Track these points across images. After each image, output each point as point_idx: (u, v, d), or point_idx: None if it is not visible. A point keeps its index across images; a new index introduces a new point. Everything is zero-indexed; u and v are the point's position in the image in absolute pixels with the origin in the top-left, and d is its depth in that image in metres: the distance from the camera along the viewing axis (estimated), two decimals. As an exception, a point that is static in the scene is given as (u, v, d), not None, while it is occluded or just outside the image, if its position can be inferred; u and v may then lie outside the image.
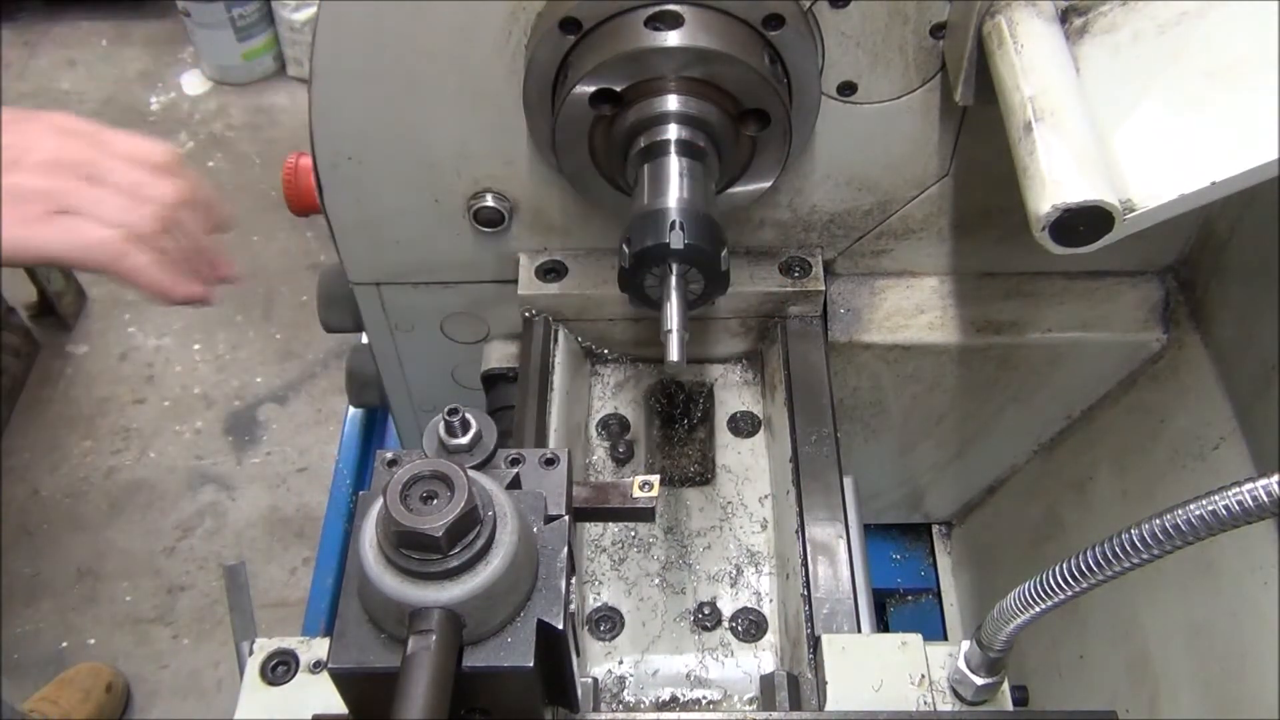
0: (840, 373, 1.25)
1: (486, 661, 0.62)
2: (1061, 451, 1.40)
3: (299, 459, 2.74)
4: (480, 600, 0.60)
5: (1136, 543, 0.61)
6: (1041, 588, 0.67)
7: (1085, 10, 0.91)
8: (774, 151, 1.02)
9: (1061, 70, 0.86)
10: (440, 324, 1.32)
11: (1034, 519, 1.44)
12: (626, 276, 0.92)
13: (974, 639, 0.78)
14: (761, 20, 0.95)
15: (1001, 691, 0.82)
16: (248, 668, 0.84)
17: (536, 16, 0.99)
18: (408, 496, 0.59)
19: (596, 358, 1.25)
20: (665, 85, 0.95)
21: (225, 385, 2.88)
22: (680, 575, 1.08)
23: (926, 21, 1.00)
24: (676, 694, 1.00)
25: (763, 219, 1.18)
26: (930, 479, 1.51)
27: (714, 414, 1.21)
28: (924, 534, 1.68)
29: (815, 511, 1.03)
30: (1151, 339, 1.24)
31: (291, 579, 2.50)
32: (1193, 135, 0.81)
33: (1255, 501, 0.56)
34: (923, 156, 1.12)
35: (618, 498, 0.76)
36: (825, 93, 1.05)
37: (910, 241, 1.21)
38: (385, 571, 0.60)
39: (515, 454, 0.72)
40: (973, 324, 1.24)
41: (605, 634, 1.03)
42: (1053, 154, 0.80)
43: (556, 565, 0.65)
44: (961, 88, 0.97)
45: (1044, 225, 0.79)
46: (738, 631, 1.04)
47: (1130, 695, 1.21)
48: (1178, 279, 1.25)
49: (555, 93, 0.99)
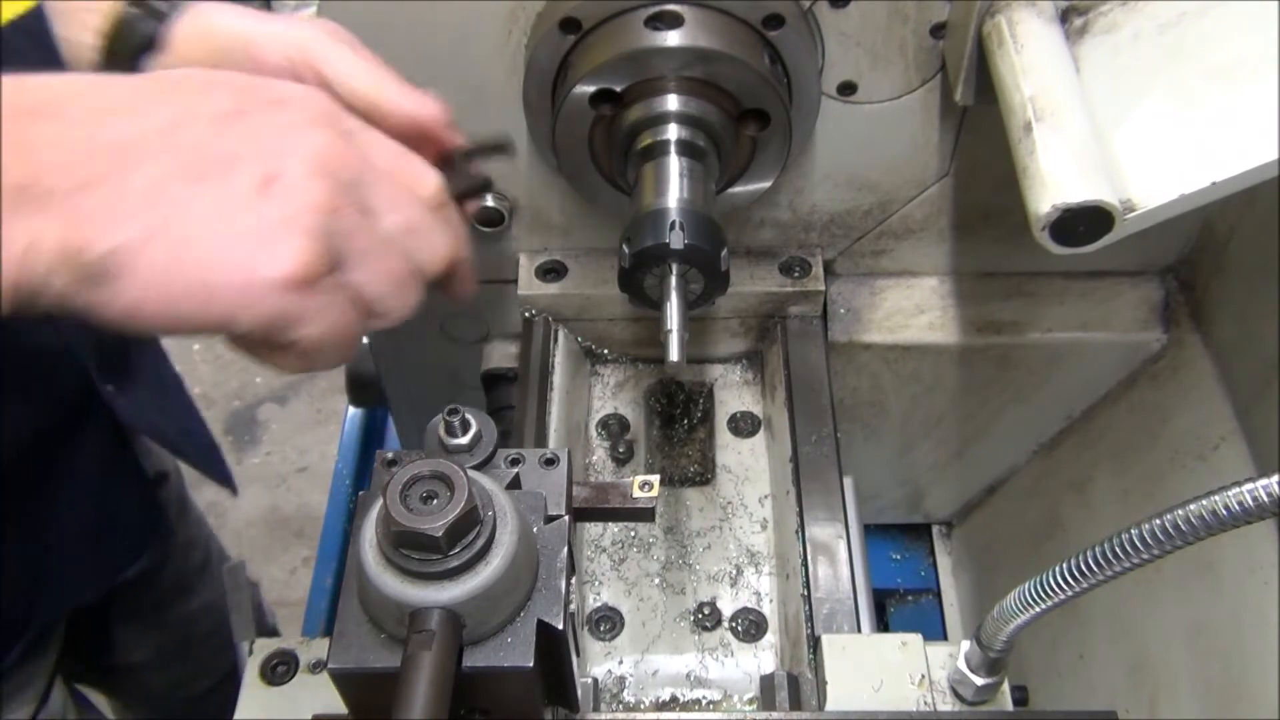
0: (840, 373, 1.25)
1: (486, 662, 0.62)
2: (1061, 451, 1.40)
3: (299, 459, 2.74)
4: (480, 600, 0.60)
5: (1136, 543, 0.61)
6: (1041, 588, 0.67)
7: (1085, 10, 0.91)
8: (774, 151, 1.02)
9: (1061, 70, 0.86)
10: (440, 324, 1.32)
11: (1034, 519, 1.44)
12: (626, 276, 0.92)
13: (974, 639, 0.78)
14: (761, 20, 0.95)
15: (1001, 691, 0.82)
16: (247, 668, 0.84)
17: (536, 16, 0.99)
18: (408, 496, 0.59)
19: (596, 358, 1.25)
20: (665, 85, 0.95)
21: (225, 385, 2.88)
22: (680, 575, 1.08)
23: (926, 21, 1.00)
24: (676, 694, 1.00)
25: (763, 219, 1.19)
26: (930, 479, 1.51)
27: (714, 414, 1.21)
28: (924, 534, 1.68)
29: (815, 511, 1.03)
30: (1151, 339, 1.24)
31: (291, 579, 2.51)
32: (1193, 135, 0.81)
33: (1255, 501, 0.56)
34: (923, 156, 1.12)
35: (618, 498, 0.76)
36: (825, 93, 1.05)
37: (910, 241, 1.21)
38: (385, 571, 0.60)
39: (515, 454, 0.72)
40: (973, 324, 1.24)
41: (605, 634, 1.03)
42: (1053, 154, 0.80)
43: (556, 565, 0.65)
44: (961, 88, 0.97)
45: (1044, 225, 0.79)
46: (738, 631, 1.04)
47: (1130, 695, 1.21)
48: (1178, 279, 1.25)
49: (555, 93, 0.99)
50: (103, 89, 0.57)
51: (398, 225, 0.62)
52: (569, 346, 1.20)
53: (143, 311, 0.55)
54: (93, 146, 0.54)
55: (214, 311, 0.56)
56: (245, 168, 0.56)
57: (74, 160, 0.53)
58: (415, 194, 0.64)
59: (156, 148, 0.55)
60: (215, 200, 0.55)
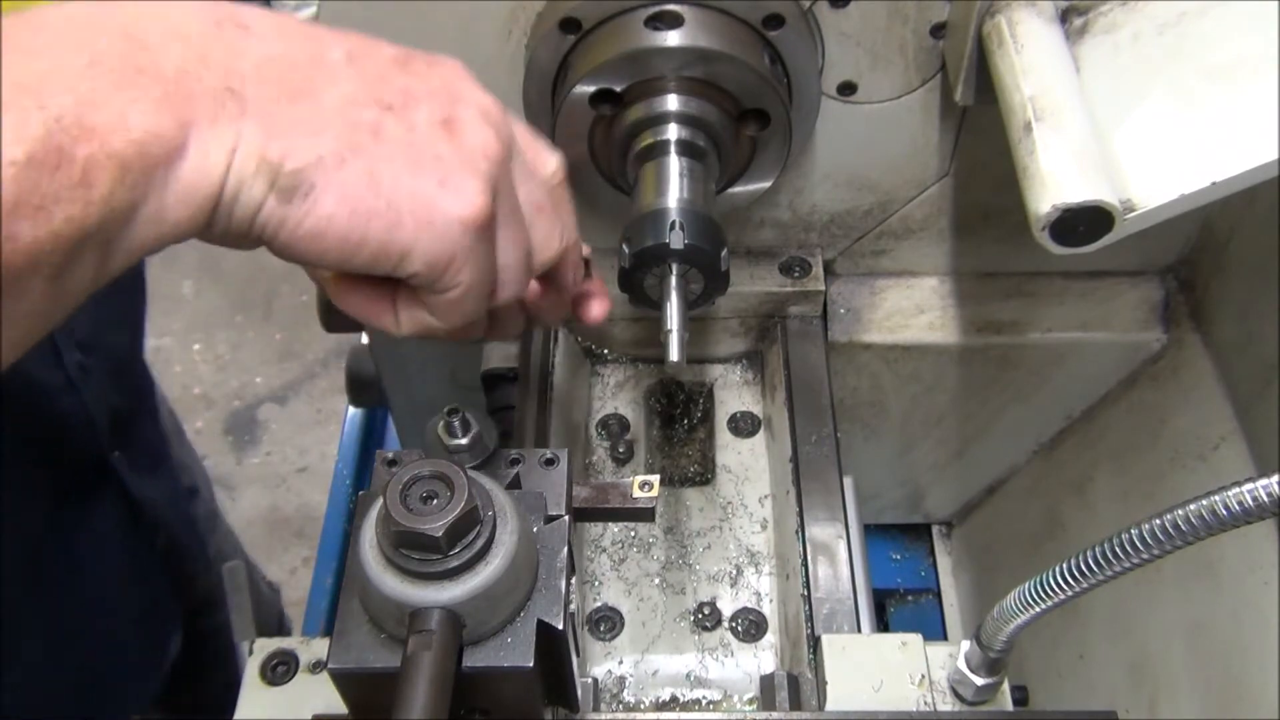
0: (840, 373, 1.25)
1: (486, 662, 0.62)
2: (1061, 451, 1.40)
3: (299, 459, 2.74)
4: (480, 600, 0.60)
5: (1136, 543, 0.61)
6: (1041, 588, 0.67)
7: (1085, 10, 0.91)
8: (774, 151, 1.02)
9: (1061, 70, 0.86)
10: (440, 324, 1.32)
11: (1034, 519, 1.44)
12: (626, 276, 0.92)
13: (974, 639, 0.78)
14: (761, 20, 0.95)
15: (1001, 691, 0.82)
16: (247, 668, 0.84)
17: (536, 16, 0.99)
18: (407, 497, 0.59)
19: (596, 358, 1.25)
20: (665, 85, 0.95)
21: (225, 385, 2.88)
22: (680, 575, 1.08)
23: (926, 21, 1.00)
24: (676, 694, 1.00)
25: (763, 219, 1.18)
26: (930, 479, 1.51)
27: (714, 414, 1.21)
28: (924, 534, 1.68)
29: (815, 511, 1.03)
30: (1151, 339, 1.24)
31: (291, 579, 2.51)
32: (1193, 135, 0.81)
33: (1255, 501, 0.56)
34: (923, 156, 1.12)
35: (618, 498, 0.76)
36: (825, 93, 1.05)
37: (910, 241, 1.21)
38: (385, 571, 0.60)
39: (515, 454, 0.72)
40: (973, 324, 1.24)
41: (605, 634, 1.03)
42: (1053, 154, 0.80)
43: (556, 565, 0.65)
44: (961, 88, 0.97)
45: (1044, 225, 0.79)
46: (738, 631, 1.04)
47: (1130, 695, 1.21)
48: (1178, 279, 1.25)
49: (555, 92, 0.99)
50: (279, 16, 0.57)
51: (527, 200, 0.64)
52: (569, 346, 1.20)
53: (331, 231, 0.55)
54: (286, 62, 0.55)
55: (397, 239, 0.56)
56: (425, 104, 0.58)
57: (271, 73, 0.54)
58: (541, 173, 0.66)
59: (344, 73, 0.56)
60: (403, 130, 0.56)
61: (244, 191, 0.52)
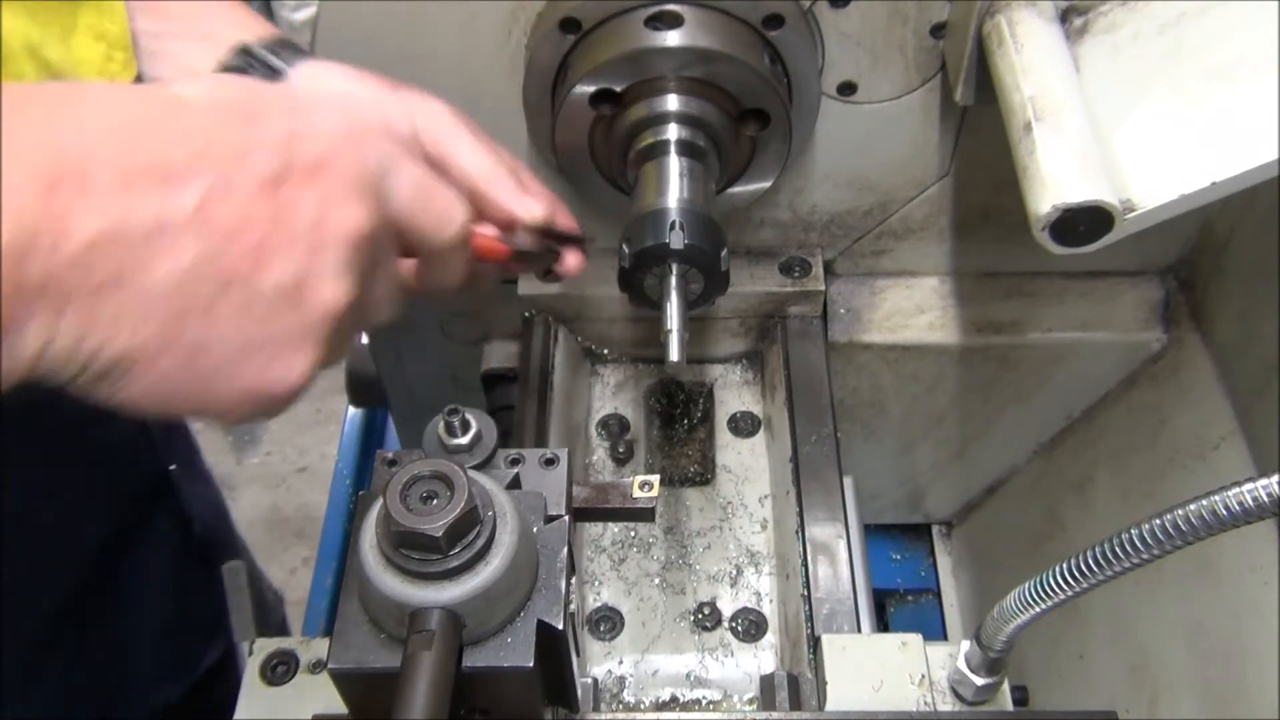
0: (840, 373, 1.25)
1: (486, 662, 0.62)
2: (1061, 451, 1.40)
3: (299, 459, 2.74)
4: (480, 600, 0.60)
5: (1136, 543, 0.61)
6: (1041, 588, 0.67)
7: (1085, 10, 0.91)
8: (774, 151, 1.02)
9: (1061, 70, 0.86)
10: (440, 324, 1.32)
11: (1034, 519, 1.44)
12: (626, 276, 0.92)
13: (974, 639, 0.78)
14: (761, 20, 0.95)
15: (1001, 691, 0.82)
16: (247, 668, 0.84)
17: (536, 16, 0.99)
18: (407, 497, 0.59)
19: (596, 358, 1.25)
20: (665, 85, 0.95)
21: (225, 385, 2.88)
22: (680, 575, 1.08)
23: (926, 21, 1.00)
24: (676, 694, 1.00)
25: (763, 219, 1.18)
26: (930, 479, 1.51)
27: (714, 414, 1.21)
28: (924, 534, 1.68)
29: (815, 511, 1.03)
30: (1151, 339, 1.24)
31: (291, 579, 2.51)
32: (1193, 135, 0.81)
33: (1255, 501, 0.56)
34: (923, 156, 1.12)
35: (618, 498, 0.76)
36: (825, 93, 1.05)
37: (910, 241, 1.21)
38: (385, 571, 0.60)
39: (515, 454, 0.72)
40: (973, 324, 1.24)
41: (605, 634, 1.03)
42: (1053, 154, 0.80)
43: (556, 565, 0.65)
44: (961, 88, 0.97)
45: (1044, 225, 0.79)
46: (738, 631, 1.04)
47: (1130, 695, 1.21)
48: (1178, 279, 1.25)
49: (555, 93, 0.99)
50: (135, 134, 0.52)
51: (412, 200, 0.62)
52: (569, 346, 1.20)
53: (143, 404, 0.54)
54: (122, 234, 0.50)
55: (206, 412, 0.57)
56: (276, 265, 0.54)
57: (99, 255, 0.49)
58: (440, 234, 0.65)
59: (187, 235, 0.52)
60: (238, 307, 0.54)
61: (54, 373, 0.51)
